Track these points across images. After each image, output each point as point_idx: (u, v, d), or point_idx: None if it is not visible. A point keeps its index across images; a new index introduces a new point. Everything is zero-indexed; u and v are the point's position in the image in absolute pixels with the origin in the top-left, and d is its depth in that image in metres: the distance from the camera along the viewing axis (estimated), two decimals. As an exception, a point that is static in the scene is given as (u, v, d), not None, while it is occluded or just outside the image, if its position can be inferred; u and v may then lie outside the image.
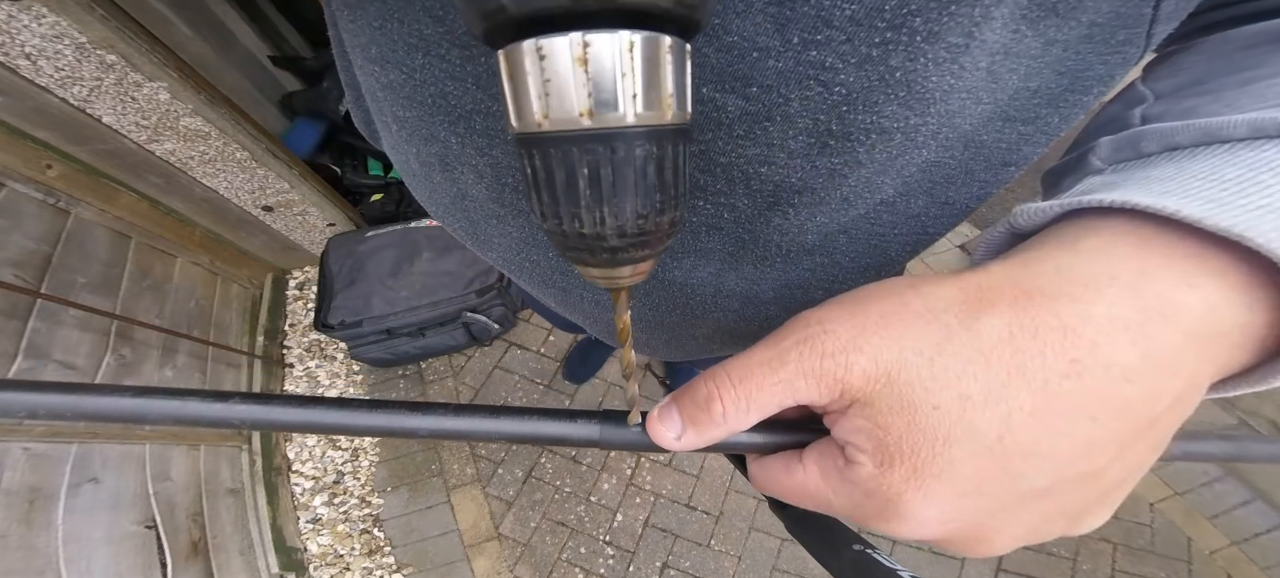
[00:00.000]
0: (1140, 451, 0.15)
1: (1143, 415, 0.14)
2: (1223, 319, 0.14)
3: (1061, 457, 0.14)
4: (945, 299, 0.16)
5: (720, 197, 0.23)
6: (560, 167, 0.13)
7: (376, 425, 0.20)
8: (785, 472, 0.19)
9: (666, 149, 0.13)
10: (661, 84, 0.12)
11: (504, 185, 0.25)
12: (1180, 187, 0.15)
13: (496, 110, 0.22)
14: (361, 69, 0.26)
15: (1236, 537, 1.33)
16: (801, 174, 0.21)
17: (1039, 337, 0.14)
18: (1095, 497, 0.16)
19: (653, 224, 0.14)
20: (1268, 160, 0.15)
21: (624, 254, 0.15)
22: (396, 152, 0.31)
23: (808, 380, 0.16)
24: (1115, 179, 0.18)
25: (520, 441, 0.21)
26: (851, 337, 0.16)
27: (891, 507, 0.16)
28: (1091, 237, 0.16)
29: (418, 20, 0.20)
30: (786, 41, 0.17)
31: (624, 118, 0.12)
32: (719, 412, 0.18)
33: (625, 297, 0.18)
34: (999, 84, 0.18)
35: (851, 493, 0.17)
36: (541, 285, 0.33)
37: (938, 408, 0.15)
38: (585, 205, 0.14)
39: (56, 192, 1.11)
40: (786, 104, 0.18)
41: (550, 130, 0.13)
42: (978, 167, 0.22)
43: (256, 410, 0.20)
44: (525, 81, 0.12)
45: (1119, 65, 0.19)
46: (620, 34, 0.11)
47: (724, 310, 0.30)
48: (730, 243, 0.25)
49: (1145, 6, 0.17)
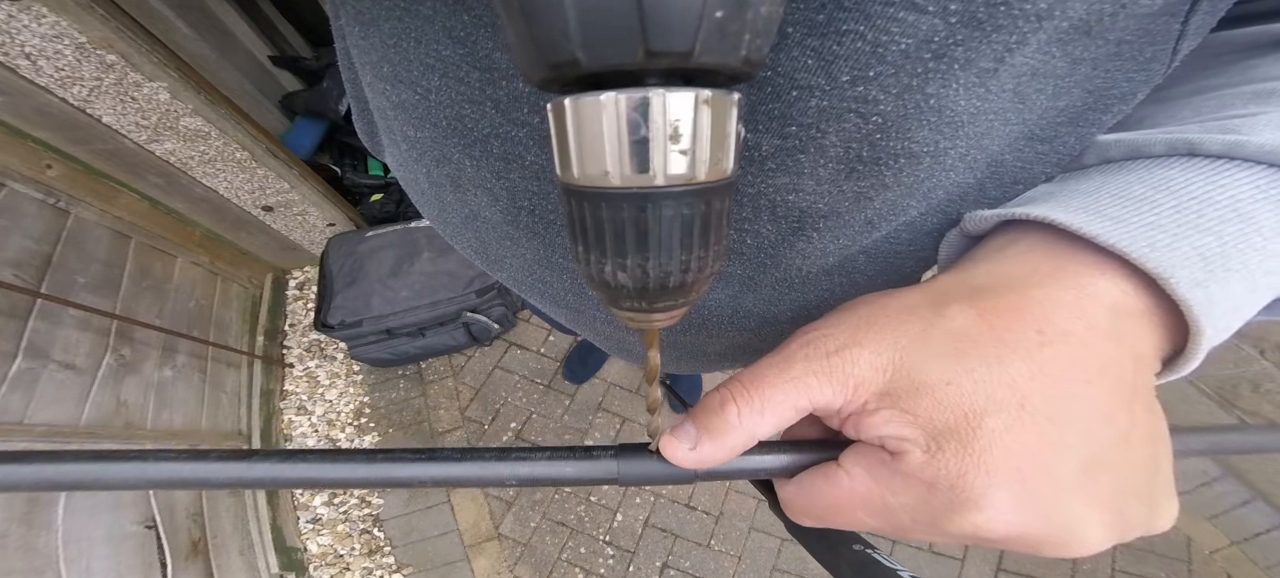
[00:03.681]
0: (1146, 415, 0.16)
1: (1120, 377, 0.16)
2: (1134, 302, 0.16)
3: (1084, 419, 0.15)
4: (914, 300, 0.18)
5: (744, 224, 0.22)
6: (610, 219, 0.13)
7: (376, 477, 0.19)
8: (828, 482, 0.18)
9: (713, 205, 0.14)
10: (714, 142, 0.12)
11: (519, 209, 0.25)
12: (1093, 201, 0.18)
13: (516, 136, 0.21)
14: (370, 86, 0.25)
15: (1236, 537, 1.33)
16: (829, 200, 0.20)
17: (1001, 315, 0.16)
18: (1148, 471, 0.16)
19: (694, 277, 0.15)
20: (1168, 179, 0.17)
21: (662, 303, 0.15)
22: (404, 169, 0.30)
23: (818, 378, 0.17)
24: (1051, 189, 0.20)
25: (530, 484, 0.20)
26: (850, 335, 0.17)
27: (960, 494, 0.15)
28: (1018, 243, 0.19)
29: (436, 40, 0.19)
30: (833, 80, 0.16)
31: (674, 176, 0.12)
32: (734, 415, 0.18)
33: (656, 336, 0.18)
34: (1026, 105, 0.18)
35: (913, 488, 0.16)
36: (553, 305, 0.33)
37: (950, 383, 0.15)
38: (631, 256, 0.14)
39: (56, 191, 1.11)
40: (822, 138, 0.18)
41: (601, 186, 0.13)
42: (991, 185, 0.22)
43: (239, 469, 0.19)
44: (578, 133, 0.12)
45: (1143, 82, 0.19)
46: (673, 93, 0.11)
47: (740, 329, 0.30)
48: (751, 267, 0.25)
49: (1174, 22, 0.17)
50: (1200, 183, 0.17)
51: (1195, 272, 0.15)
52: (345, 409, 1.59)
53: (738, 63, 0.11)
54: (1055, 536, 0.15)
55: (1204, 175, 0.17)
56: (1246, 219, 0.16)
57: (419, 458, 0.20)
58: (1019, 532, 0.15)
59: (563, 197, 0.14)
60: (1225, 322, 0.17)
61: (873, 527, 0.18)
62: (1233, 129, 0.17)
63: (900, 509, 0.17)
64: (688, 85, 0.12)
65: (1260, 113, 0.18)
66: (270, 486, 0.20)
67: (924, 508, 0.16)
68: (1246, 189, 0.16)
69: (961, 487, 0.15)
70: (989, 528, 0.15)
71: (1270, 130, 0.17)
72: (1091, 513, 0.15)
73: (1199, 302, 0.15)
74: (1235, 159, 0.17)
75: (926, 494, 0.16)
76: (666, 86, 0.11)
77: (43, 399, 0.97)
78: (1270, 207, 0.16)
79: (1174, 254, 0.15)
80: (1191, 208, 0.16)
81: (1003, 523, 0.15)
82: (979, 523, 0.15)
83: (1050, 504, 0.15)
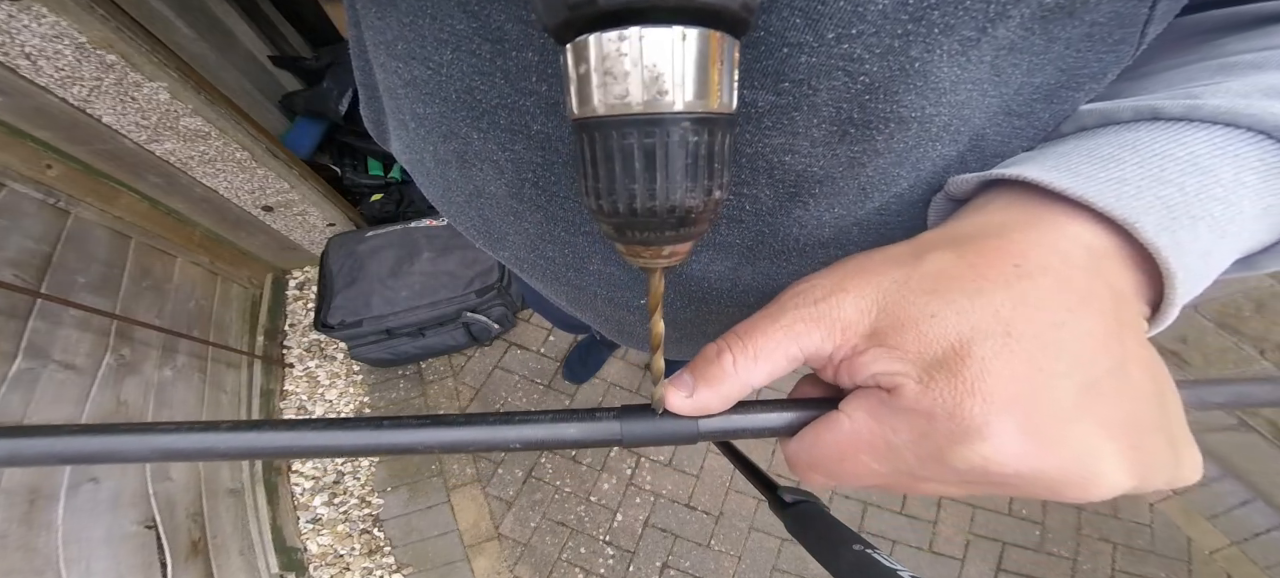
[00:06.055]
0: (1140, 348, 0.16)
1: (1103, 308, 0.16)
2: (1107, 243, 0.17)
3: (1074, 346, 0.15)
4: (897, 251, 0.19)
5: (743, 188, 0.23)
6: (624, 146, 0.15)
7: (380, 444, 0.20)
8: (830, 430, 0.19)
9: (717, 135, 0.15)
10: (710, 75, 0.14)
11: (523, 181, 0.25)
12: (1066, 161, 0.19)
13: (524, 105, 0.22)
14: (382, 66, 0.27)
15: (1236, 537, 1.33)
16: (823, 163, 0.21)
17: (981, 254, 0.17)
18: (1154, 404, 0.16)
19: (700, 203, 0.16)
20: (1134, 139, 0.18)
21: (669, 231, 0.17)
22: (411, 150, 0.31)
23: (807, 324, 0.18)
24: (1031, 155, 0.21)
25: (535, 447, 0.20)
26: (836, 283, 0.18)
27: (960, 423, 0.15)
28: (996, 200, 0.20)
29: (450, 15, 0.20)
30: (820, 37, 0.17)
31: (688, 103, 0.14)
32: (729, 362, 0.19)
33: (660, 289, 0.20)
34: (1002, 78, 0.19)
35: (913, 422, 0.16)
36: (554, 283, 0.33)
37: (934, 316, 0.16)
38: (640, 183, 0.15)
39: (56, 191, 1.11)
40: (814, 94, 0.19)
41: (620, 114, 0.14)
42: (974, 159, 0.23)
43: (244, 439, 0.19)
44: (601, 65, 0.14)
45: (1113, 63, 0.20)
46: (675, 29, 0.13)
47: (739, 305, 0.31)
48: (749, 236, 0.26)
49: (1142, 7, 0.18)
50: (1161, 142, 0.18)
51: (1160, 218, 0.16)
52: (345, 409, 1.59)
53: (737, 7, 0.13)
54: (1071, 471, 0.15)
55: (1166, 135, 0.18)
56: (1205, 172, 0.17)
57: (423, 424, 0.20)
58: (1032, 467, 0.15)
59: (579, 135, 0.16)
60: (1199, 267, 0.17)
61: (881, 474, 0.18)
62: (1194, 95, 0.18)
63: (904, 447, 0.17)
64: (689, 24, 0.13)
65: (1222, 82, 0.19)
66: (269, 455, 0.20)
67: (926, 441, 0.16)
68: (1203, 146, 0.17)
69: (960, 415, 0.15)
70: (999, 461, 0.15)
71: (1226, 96, 0.18)
72: (1105, 445, 0.15)
73: (1167, 245, 0.16)
74: (1193, 121, 0.18)
75: (926, 426, 0.16)
76: (680, 23, 0.13)
77: (43, 399, 0.97)
78: (1227, 161, 0.17)
79: (1138, 203, 0.17)
80: (1154, 163, 0.17)
81: (1012, 455, 0.15)
82: (987, 455, 0.15)
83: (1057, 434, 0.15)
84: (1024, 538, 1.39)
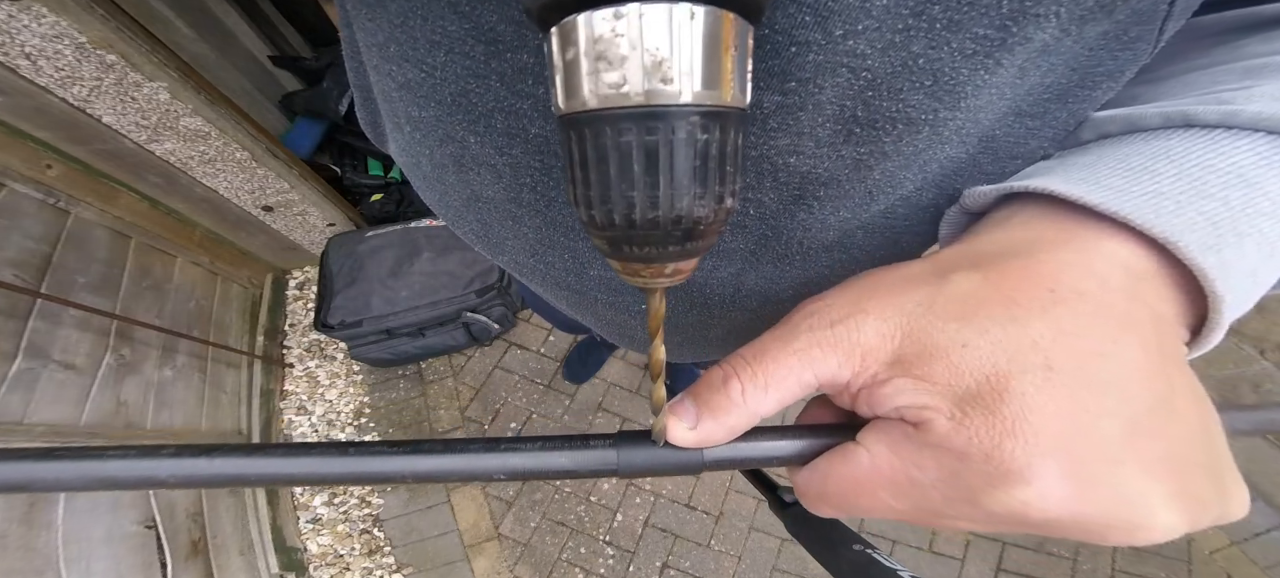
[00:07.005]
0: (1184, 379, 0.15)
1: (1146, 337, 0.15)
2: (1146, 265, 0.16)
3: (1118, 382, 0.14)
4: (917, 270, 0.18)
5: (748, 192, 0.22)
6: (613, 146, 0.12)
7: (357, 472, 0.18)
8: (846, 463, 0.17)
9: (728, 133, 0.13)
10: (722, 62, 0.12)
11: (521, 185, 0.25)
12: (1093, 173, 0.17)
13: (520, 108, 0.21)
14: (376, 69, 0.26)
15: (1236, 537, 1.33)
16: (828, 165, 0.21)
17: (1008, 277, 0.16)
18: (1202, 440, 0.15)
19: (709, 210, 0.14)
20: (1167, 149, 0.17)
21: (672, 245, 0.14)
22: (407, 154, 0.30)
23: (823, 349, 0.16)
24: (1052, 165, 0.20)
25: (522, 478, 0.18)
26: (853, 304, 0.17)
27: (998, 466, 0.14)
28: (1020, 214, 0.18)
29: (442, 16, 0.19)
30: (828, 34, 0.16)
31: (679, 95, 0.12)
32: (737, 391, 0.17)
33: (661, 310, 0.18)
34: (1023, 80, 0.18)
35: (941, 460, 0.15)
36: (554, 288, 0.33)
37: (966, 345, 0.15)
38: (640, 189, 0.13)
39: (56, 191, 1.11)
40: (820, 93, 0.18)
41: (615, 106, 0.12)
42: (986, 160, 0.22)
43: (192, 466, 0.17)
44: (584, 55, 0.11)
45: (1129, 62, 0.19)
46: (682, 5, 0.11)
47: (741, 310, 0.30)
48: (753, 241, 0.25)
49: (1161, 4, 0.17)
50: (1199, 151, 0.16)
51: (1205, 236, 0.15)
52: (345, 409, 1.59)
53: None
54: (1117, 516, 0.14)
55: (1202, 144, 0.17)
56: (1252, 185, 0.16)
57: (400, 452, 0.18)
58: (1074, 513, 0.14)
59: (566, 133, 0.13)
60: (1246, 288, 0.16)
61: (900, 510, 0.17)
62: (1227, 100, 0.17)
63: (930, 486, 0.15)
64: (705, 0, 0.11)
65: (1254, 86, 0.17)
66: (221, 484, 0.17)
67: (957, 483, 0.15)
68: (1248, 156, 0.16)
69: (999, 457, 0.14)
70: (1040, 507, 0.14)
71: (1264, 101, 0.16)
72: (1153, 487, 0.14)
73: (1213, 266, 0.15)
74: (1232, 128, 0.16)
75: (958, 466, 0.15)
76: (656, 0, 0.11)
77: (43, 399, 0.97)
78: (1274, 173, 0.16)
79: (1179, 219, 0.15)
80: (1193, 175, 0.16)
81: (1055, 502, 0.14)
82: (1028, 500, 0.14)
83: (1102, 478, 0.14)
84: (1024, 538, 1.39)
